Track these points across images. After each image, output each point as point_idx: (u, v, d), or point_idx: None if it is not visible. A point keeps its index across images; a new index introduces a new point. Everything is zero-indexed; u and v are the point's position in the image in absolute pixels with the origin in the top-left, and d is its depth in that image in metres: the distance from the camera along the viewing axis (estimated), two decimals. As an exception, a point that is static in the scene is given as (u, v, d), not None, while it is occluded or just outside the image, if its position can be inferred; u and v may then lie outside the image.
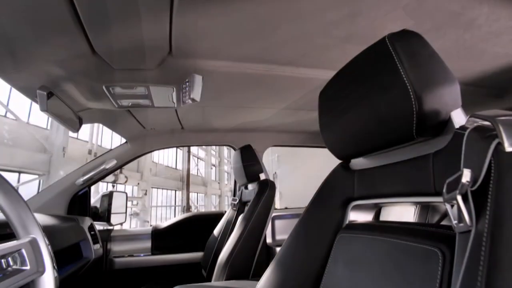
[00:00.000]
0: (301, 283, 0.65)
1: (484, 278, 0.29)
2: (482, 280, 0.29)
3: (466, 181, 0.36)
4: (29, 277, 0.50)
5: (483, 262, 0.30)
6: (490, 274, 0.29)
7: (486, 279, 0.29)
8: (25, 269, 0.50)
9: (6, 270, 0.48)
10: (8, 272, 0.48)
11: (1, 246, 0.48)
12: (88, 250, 1.39)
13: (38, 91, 0.85)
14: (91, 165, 1.59)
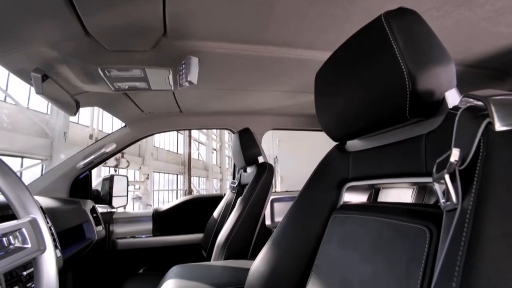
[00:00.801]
0: (295, 261, 0.67)
1: (464, 252, 0.30)
2: (463, 255, 0.30)
3: (454, 160, 0.36)
4: (31, 255, 0.52)
5: (465, 237, 0.30)
6: (470, 248, 0.29)
7: (466, 253, 0.29)
8: (27, 247, 0.52)
9: (8, 248, 0.49)
10: (10, 250, 0.49)
11: (2, 225, 0.50)
12: (91, 231, 1.42)
13: (32, 74, 0.85)
14: (91, 149, 1.60)
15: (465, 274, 0.28)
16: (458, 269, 0.29)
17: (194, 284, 0.83)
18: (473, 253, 0.29)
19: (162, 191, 11.08)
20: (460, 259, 0.29)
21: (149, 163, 9.28)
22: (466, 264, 0.29)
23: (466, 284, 0.28)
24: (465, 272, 0.29)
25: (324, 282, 0.60)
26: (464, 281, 0.28)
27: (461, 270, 0.29)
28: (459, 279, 0.29)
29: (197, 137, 13.67)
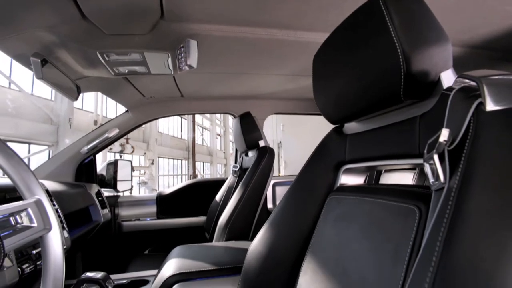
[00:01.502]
0: (292, 241, 0.69)
1: (446, 229, 0.30)
2: (444, 231, 0.30)
3: (443, 140, 0.36)
4: (37, 233, 0.54)
5: (448, 214, 0.31)
6: (451, 225, 0.30)
7: (447, 230, 0.30)
8: (33, 226, 0.54)
9: (16, 226, 0.51)
10: (17, 229, 0.52)
11: (9, 206, 0.52)
12: (97, 214, 1.47)
13: (31, 58, 0.85)
14: (94, 134, 1.62)
15: (444, 250, 0.29)
16: (439, 244, 0.30)
17: (196, 263, 0.86)
18: (454, 229, 0.30)
19: (167, 176, 11.23)
20: (442, 235, 0.30)
21: (154, 148, 9.37)
22: (446, 240, 0.30)
23: (444, 259, 0.29)
24: (444, 248, 0.30)
25: (319, 260, 0.62)
26: (443, 257, 0.29)
27: (441, 246, 0.30)
28: (439, 255, 0.30)
29: (201, 123, 13.69)
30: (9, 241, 0.47)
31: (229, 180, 1.73)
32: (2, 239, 0.46)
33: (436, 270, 0.29)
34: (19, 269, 0.71)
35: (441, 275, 0.28)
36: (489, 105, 0.35)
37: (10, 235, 0.49)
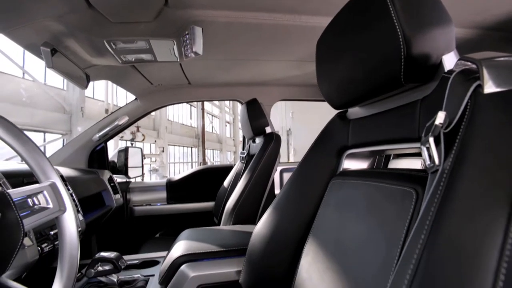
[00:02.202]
0: (294, 225, 0.70)
1: (436, 209, 0.31)
2: (434, 211, 0.31)
3: (439, 123, 0.37)
4: (53, 214, 0.58)
5: (439, 195, 0.32)
6: (441, 205, 0.31)
7: (437, 210, 0.31)
8: (49, 207, 0.58)
9: (33, 207, 0.55)
10: (35, 210, 0.55)
11: (26, 188, 0.55)
12: (109, 199, 1.53)
13: (41, 48, 0.87)
14: (104, 122, 1.66)
15: (432, 230, 0.30)
16: (429, 223, 0.31)
17: (203, 244, 0.89)
18: (443, 210, 0.31)
19: (178, 163, 11.41)
20: (432, 214, 0.31)
21: (164, 136, 9.50)
22: (435, 220, 0.31)
23: (431, 239, 0.30)
24: (433, 228, 0.31)
25: (320, 243, 0.63)
26: (430, 237, 0.30)
27: (430, 226, 0.31)
28: (427, 234, 0.31)
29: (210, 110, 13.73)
30: (28, 221, 0.51)
31: (236, 166, 1.76)
32: (22, 218, 0.49)
33: (423, 249, 0.30)
34: (39, 248, 0.76)
35: (427, 254, 0.30)
36: (487, 88, 0.35)
37: (28, 215, 0.52)
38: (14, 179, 0.78)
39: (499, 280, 0.24)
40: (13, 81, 5.35)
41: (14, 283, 0.48)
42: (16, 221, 0.47)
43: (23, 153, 0.57)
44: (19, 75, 5.55)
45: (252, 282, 0.73)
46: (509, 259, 0.25)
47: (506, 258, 0.25)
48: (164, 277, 0.84)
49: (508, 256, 0.25)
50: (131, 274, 0.92)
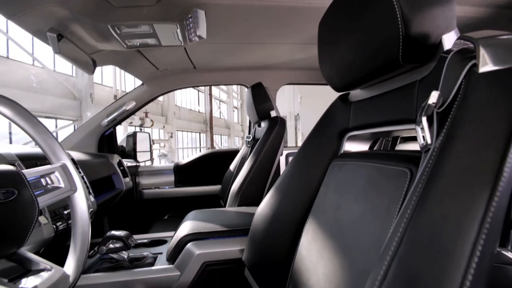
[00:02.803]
0: (295, 205, 0.72)
1: (423, 185, 0.32)
2: (421, 187, 0.32)
3: (432, 102, 0.37)
4: (65, 193, 0.61)
5: (427, 172, 0.33)
6: (428, 183, 0.32)
7: (423, 187, 0.32)
8: (61, 187, 0.61)
9: (46, 187, 0.58)
10: (48, 189, 0.59)
11: (39, 169, 0.59)
12: (119, 182, 1.58)
13: (48, 34, 0.89)
14: (112, 107, 1.69)
15: (417, 205, 0.32)
16: (415, 199, 0.32)
17: (208, 224, 0.93)
18: (429, 186, 0.32)
19: (186, 149, 11.54)
20: (419, 191, 0.32)
21: (172, 122, 9.57)
22: (421, 196, 0.32)
23: (415, 215, 0.31)
24: (418, 203, 0.32)
25: (319, 222, 0.65)
26: (414, 213, 0.31)
27: (416, 201, 0.32)
28: (412, 211, 0.32)
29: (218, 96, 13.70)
30: (42, 199, 0.54)
31: (242, 150, 1.78)
32: (36, 196, 0.52)
33: (407, 225, 0.31)
34: (54, 226, 0.80)
35: (410, 229, 0.31)
36: (482, 67, 0.36)
37: (42, 194, 0.56)
38: (28, 162, 0.81)
39: (476, 250, 0.26)
40: (23, 68, 5.43)
41: (32, 255, 0.51)
42: (31, 198, 0.50)
43: (34, 135, 0.60)
44: (29, 62, 5.62)
45: (254, 260, 0.76)
46: (486, 236, 0.26)
47: (484, 236, 0.26)
48: (171, 254, 0.88)
49: (486, 233, 0.26)
50: (141, 252, 0.97)
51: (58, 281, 0.48)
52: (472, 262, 0.25)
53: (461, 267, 0.25)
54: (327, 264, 0.57)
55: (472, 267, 0.25)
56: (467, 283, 0.25)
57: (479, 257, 0.25)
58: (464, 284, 0.25)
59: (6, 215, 0.44)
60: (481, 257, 0.25)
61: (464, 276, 0.25)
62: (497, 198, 0.27)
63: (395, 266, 0.30)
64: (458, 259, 0.26)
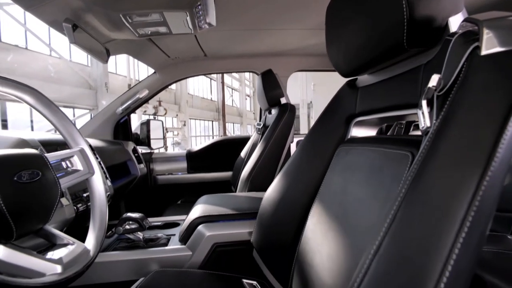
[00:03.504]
0: (302, 189, 0.74)
1: (418, 165, 0.33)
2: (416, 167, 0.33)
3: (432, 86, 0.38)
4: (83, 176, 0.65)
5: (423, 153, 0.34)
6: (423, 163, 0.33)
7: (418, 167, 0.33)
8: (80, 170, 0.65)
9: (67, 169, 0.63)
10: (68, 171, 0.63)
11: (59, 153, 0.63)
12: (134, 168, 1.64)
13: (63, 24, 0.92)
14: (126, 95, 1.73)
15: (411, 186, 0.33)
16: (410, 179, 0.33)
17: (218, 208, 0.97)
18: (424, 167, 0.33)
19: (199, 137, 11.68)
20: (414, 171, 0.34)
21: (185, 110, 9.67)
22: (415, 177, 0.33)
23: (409, 193, 0.32)
24: (412, 183, 0.33)
25: (325, 205, 0.67)
26: (408, 192, 0.33)
27: (410, 182, 0.33)
28: (406, 190, 0.33)
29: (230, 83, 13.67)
30: (63, 180, 0.58)
31: (253, 137, 1.80)
32: (58, 178, 0.56)
33: (400, 203, 0.33)
34: (75, 207, 0.86)
35: (403, 207, 0.32)
36: (484, 49, 0.36)
37: (63, 176, 0.60)
38: (49, 147, 0.86)
39: (464, 226, 0.27)
40: (41, 59, 5.59)
41: (56, 231, 0.56)
42: (54, 180, 0.54)
43: (54, 122, 0.64)
44: (46, 53, 5.78)
45: (262, 242, 0.80)
46: (475, 213, 0.27)
47: (472, 213, 0.27)
48: (184, 235, 0.92)
49: (475, 211, 0.27)
50: (155, 233, 1.02)
51: (80, 255, 0.53)
52: (460, 237, 0.27)
53: (448, 242, 0.27)
54: (330, 245, 0.59)
55: (459, 242, 0.26)
56: (453, 256, 0.26)
57: (467, 233, 0.27)
58: (451, 257, 0.26)
59: (32, 194, 0.48)
60: (469, 233, 0.27)
61: (451, 250, 0.26)
62: (488, 178, 0.28)
63: (387, 241, 0.32)
64: (446, 235, 0.27)
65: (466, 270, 0.27)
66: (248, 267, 0.87)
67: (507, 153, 0.29)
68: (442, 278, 0.26)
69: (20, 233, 0.46)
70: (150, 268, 0.85)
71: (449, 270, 0.26)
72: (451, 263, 0.26)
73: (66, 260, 0.49)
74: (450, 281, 0.26)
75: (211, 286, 0.77)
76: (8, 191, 0.44)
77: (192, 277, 0.80)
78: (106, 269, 0.84)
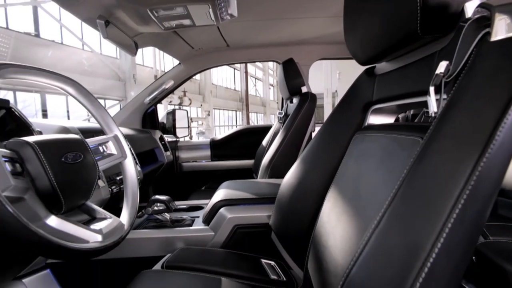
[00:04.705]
0: (319, 174, 0.77)
1: (421, 147, 0.35)
2: (420, 150, 0.35)
3: (440, 72, 0.39)
4: (117, 160, 0.73)
5: (427, 136, 0.36)
6: (425, 146, 0.35)
7: (422, 147, 0.35)
8: (114, 154, 0.72)
9: (103, 153, 0.70)
10: (105, 155, 0.70)
11: (97, 138, 0.70)
12: (161, 155, 1.73)
13: (97, 21, 1.00)
14: (153, 86, 1.82)
15: (414, 165, 0.35)
16: (413, 160, 0.35)
17: (239, 192, 1.02)
18: (426, 148, 0.34)
19: (223, 126, 11.86)
20: (417, 153, 0.35)
21: (209, 100, 9.84)
22: (417, 158, 0.35)
23: (411, 173, 0.34)
24: (414, 164, 0.35)
25: (340, 190, 0.70)
26: (410, 171, 0.35)
27: (412, 163, 0.35)
28: (408, 170, 0.35)
29: (254, 73, 13.65)
30: (101, 163, 0.66)
31: (275, 126, 1.83)
32: (96, 161, 0.64)
33: (402, 182, 0.35)
34: (110, 189, 0.94)
35: (405, 185, 0.34)
36: (494, 35, 0.36)
37: (100, 159, 0.67)
38: (86, 134, 0.95)
39: (459, 203, 0.29)
40: (76, 53, 5.93)
41: (96, 206, 0.64)
42: (93, 162, 0.61)
43: (92, 110, 0.71)
44: (79, 46, 6.10)
45: (280, 224, 0.84)
46: (470, 192, 0.29)
47: (467, 191, 0.29)
48: (207, 217, 0.99)
49: (470, 189, 0.29)
50: (181, 215, 1.09)
51: (116, 227, 0.60)
52: (453, 213, 0.29)
53: (442, 217, 0.29)
54: (344, 227, 0.62)
55: (453, 217, 0.29)
56: (446, 230, 0.28)
57: (461, 209, 0.29)
58: (443, 230, 0.28)
59: (76, 173, 0.56)
60: (463, 209, 0.29)
61: (444, 224, 0.29)
62: (485, 159, 0.29)
63: (388, 214, 0.34)
64: (441, 209, 0.29)
65: (460, 244, 0.29)
66: (267, 248, 0.92)
67: (508, 136, 0.30)
68: (434, 248, 0.28)
69: (68, 206, 0.54)
70: (176, 245, 0.93)
71: (441, 242, 0.28)
72: (444, 235, 0.28)
73: (105, 231, 0.56)
74: (441, 252, 0.28)
75: (232, 263, 0.82)
76: (57, 169, 0.51)
77: (215, 254, 0.86)
78: (137, 245, 0.93)
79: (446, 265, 0.29)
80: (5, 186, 0.42)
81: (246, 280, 0.76)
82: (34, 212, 0.46)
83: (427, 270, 0.28)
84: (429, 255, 0.28)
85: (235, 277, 0.76)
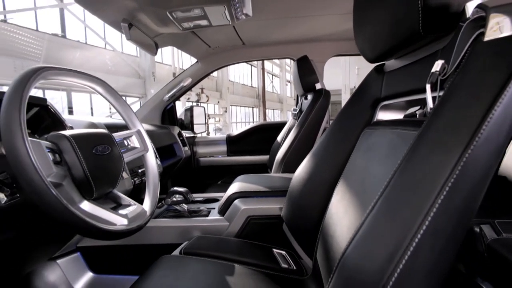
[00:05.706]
0: (328, 169, 0.80)
1: (414, 140, 0.38)
2: (412, 142, 0.38)
3: (435, 70, 0.41)
4: (140, 153, 0.79)
5: (420, 130, 0.38)
6: (418, 137, 0.37)
7: (415, 140, 0.38)
8: (137, 147, 0.79)
9: (128, 147, 0.77)
10: (129, 148, 0.77)
11: (122, 132, 0.77)
12: (179, 150, 1.81)
13: (122, 24, 1.07)
14: (172, 84, 1.90)
15: (406, 156, 0.38)
16: (407, 152, 0.38)
17: (253, 185, 1.07)
18: (418, 141, 0.37)
19: (240, 123, 11.95)
20: (410, 146, 0.38)
21: (226, 97, 9.94)
22: (409, 150, 0.38)
23: (403, 164, 0.37)
24: (406, 155, 0.38)
25: (348, 184, 0.73)
26: (403, 163, 0.37)
27: (405, 155, 0.38)
28: (401, 162, 0.38)
29: (271, 69, 13.63)
30: (125, 155, 0.72)
31: (289, 122, 1.86)
32: (122, 153, 0.70)
33: (395, 172, 0.38)
34: (132, 180, 1.02)
35: (397, 176, 0.37)
36: (487, 35, 0.38)
37: (125, 152, 0.74)
38: (111, 129, 1.03)
39: (444, 190, 0.32)
40: (101, 53, 6.18)
41: (122, 194, 0.70)
42: (119, 154, 0.68)
43: (117, 107, 0.78)
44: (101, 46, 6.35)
45: (291, 216, 0.88)
46: (455, 180, 0.32)
47: (452, 180, 0.32)
48: (222, 208, 1.04)
49: (454, 178, 0.32)
50: (198, 206, 1.16)
51: (140, 213, 0.66)
52: (439, 198, 0.32)
53: (428, 202, 0.32)
54: (350, 218, 0.65)
55: (438, 202, 0.32)
56: (431, 214, 0.32)
57: (445, 196, 0.32)
58: (429, 214, 0.32)
59: (104, 163, 0.62)
60: (448, 196, 0.32)
61: (429, 209, 0.32)
62: (470, 151, 0.32)
63: (381, 201, 0.38)
64: (427, 195, 0.32)
65: (447, 227, 0.33)
66: (278, 238, 0.96)
67: (493, 131, 0.33)
68: (419, 230, 0.31)
69: (98, 193, 0.60)
70: (193, 234, 0.99)
71: (426, 224, 0.31)
72: (428, 219, 0.31)
73: (130, 216, 0.63)
74: (427, 233, 0.31)
75: (245, 252, 0.87)
76: (89, 160, 0.57)
77: (229, 243, 0.91)
78: (157, 232, 1.00)
79: (433, 245, 0.32)
80: (49, 172, 0.49)
81: (258, 268, 0.80)
82: (70, 197, 0.53)
83: (412, 249, 0.31)
84: (415, 235, 0.31)
85: (248, 265, 0.80)
